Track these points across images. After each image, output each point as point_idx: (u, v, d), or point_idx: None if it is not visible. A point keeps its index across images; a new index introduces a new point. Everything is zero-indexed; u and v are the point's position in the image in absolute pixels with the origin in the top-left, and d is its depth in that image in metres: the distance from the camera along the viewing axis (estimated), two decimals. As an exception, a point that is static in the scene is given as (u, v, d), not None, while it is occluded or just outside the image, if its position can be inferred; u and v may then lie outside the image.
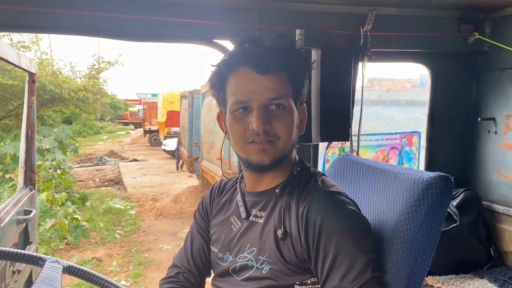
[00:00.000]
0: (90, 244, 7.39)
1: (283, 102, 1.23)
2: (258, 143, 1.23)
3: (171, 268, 1.54)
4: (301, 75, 1.30)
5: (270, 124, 1.21)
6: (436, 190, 1.27)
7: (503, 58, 2.80)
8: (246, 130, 1.23)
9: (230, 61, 1.26)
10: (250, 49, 1.24)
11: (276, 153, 1.24)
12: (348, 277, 1.10)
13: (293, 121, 1.26)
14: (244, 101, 1.22)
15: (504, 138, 2.84)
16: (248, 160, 1.27)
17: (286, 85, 1.25)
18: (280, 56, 1.23)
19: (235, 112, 1.25)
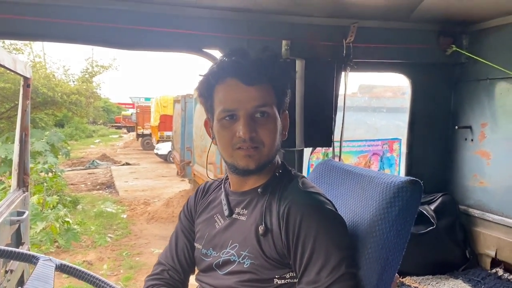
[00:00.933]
0: (81, 248, 7.39)
1: (267, 110, 1.32)
2: (244, 149, 1.31)
3: (156, 265, 1.60)
4: (284, 85, 1.40)
5: (256, 131, 1.30)
6: (406, 193, 1.36)
7: (478, 69, 2.93)
8: (233, 137, 1.31)
9: (218, 72, 1.35)
10: (237, 62, 1.33)
11: (261, 159, 1.33)
12: (323, 271, 1.19)
13: (277, 128, 1.35)
14: (231, 109, 1.31)
15: (480, 145, 2.97)
16: (235, 165, 1.35)
17: (270, 95, 1.33)
18: (265, 68, 1.32)
19: (222, 120, 1.33)
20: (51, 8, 2.24)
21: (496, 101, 2.88)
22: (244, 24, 2.53)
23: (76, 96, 13.06)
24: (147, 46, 2.48)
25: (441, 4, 2.55)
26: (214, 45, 2.50)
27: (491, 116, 2.91)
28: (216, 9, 2.46)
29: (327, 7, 2.52)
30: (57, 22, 2.26)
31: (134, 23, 2.36)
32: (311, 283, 1.20)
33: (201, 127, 8.89)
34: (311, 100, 2.57)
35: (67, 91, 12.89)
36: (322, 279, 1.18)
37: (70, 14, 2.27)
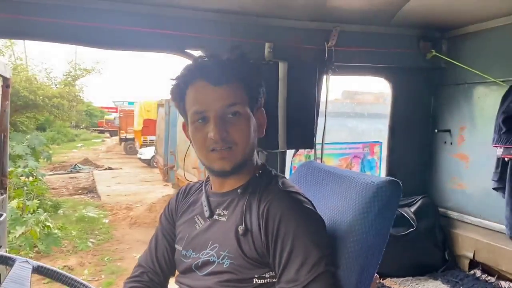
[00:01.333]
0: (62, 253, 7.26)
1: (237, 109, 1.31)
2: (218, 151, 1.31)
3: (136, 267, 1.58)
4: (256, 83, 1.39)
5: (227, 131, 1.30)
6: (385, 193, 1.37)
7: (457, 74, 3.00)
8: (206, 139, 1.31)
9: (187, 74, 1.34)
10: (204, 63, 1.34)
11: (236, 159, 1.32)
12: (302, 269, 1.19)
13: (250, 126, 1.34)
14: (201, 111, 1.31)
15: (458, 148, 3.03)
16: (211, 167, 1.36)
17: (241, 94, 1.33)
18: (232, 67, 1.32)
19: (195, 123, 1.33)
20: (32, 6, 2.22)
21: (474, 105, 2.95)
22: (228, 26, 2.55)
23: (58, 99, 12.92)
24: (130, 46, 2.47)
25: (421, 10, 2.61)
26: (197, 46, 2.50)
27: (469, 120, 2.98)
28: (199, 10, 2.47)
29: (310, 10, 2.55)
30: (38, 20, 2.24)
31: (117, 23, 2.36)
32: (290, 281, 1.20)
33: (185, 131, 8.84)
34: (293, 102, 2.59)
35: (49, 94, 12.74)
36: (301, 277, 1.18)
37: (52, 12, 2.26)
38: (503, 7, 2.53)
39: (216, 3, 2.42)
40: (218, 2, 2.41)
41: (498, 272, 2.82)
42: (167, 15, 2.43)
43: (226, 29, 2.55)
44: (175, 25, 2.45)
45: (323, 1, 2.40)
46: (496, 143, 2.44)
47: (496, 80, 2.69)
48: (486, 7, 2.57)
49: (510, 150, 2.35)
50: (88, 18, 2.31)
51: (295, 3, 2.43)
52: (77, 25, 2.30)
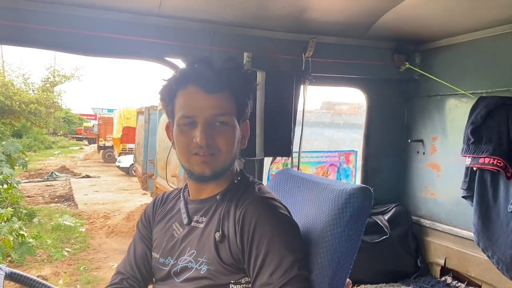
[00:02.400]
0: (36, 262, 7.10)
1: (226, 119, 1.34)
2: (200, 156, 1.33)
3: (115, 275, 1.57)
4: (245, 96, 1.42)
5: (213, 138, 1.32)
6: (357, 200, 1.41)
7: (430, 86, 3.10)
8: (190, 143, 1.33)
9: (181, 78, 1.37)
10: (200, 69, 1.36)
11: (217, 166, 1.35)
12: (276, 273, 1.21)
13: (235, 136, 1.37)
14: (191, 116, 1.33)
15: (431, 158, 3.12)
16: (191, 171, 1.37)
17: (230, 104, 1.36)
18: (226, 78, 1.35)
19: (181, 126, 1.35)
20: (12, 12, 2.22)
21: (446, 116, 3.04)
22: (207, 35, 2.58)
23: (36, 105, 12.71)
24: (110, 53, 2.48)
25: (395, 24, 2.69)
26: (176, 54, 2.53)
27: (441, 130, 3.07)
28: (179, 19, 2.51)
29: (288, 22, 2.61)
30: (17, 25, 2.24)
31: (97, 30, 2.37)
32: (264, 285, 1.22)
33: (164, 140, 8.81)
34: (271, 111, 2.63)
35: (26, 100, 12.53)
36: (275, 281, 1.21)
37: (32, 18, 2.26)
38: (472, 23, 2.64)
39: (196, 13, 2.46)
40: (198, 12, 2.44)
41: (468, 279, 2.89)
42: (148, 23, 2.46)
43: (205, 38, 2.59)
44: (155, 33, 2.48)
45: (300, 13, 2.46)
46: (465, 153, 2.53)
47: (466, 92, 2.79)
48: (457, 22, 2.67)
49: (478, 160, 2.43)
50: (69, 24, 2.32)
51: (273, 14, 2.48)
52: (57, 31, 2.31)
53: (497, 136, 2.40)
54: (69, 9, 2.30)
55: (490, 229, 2.43)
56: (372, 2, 2.36)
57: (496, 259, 2.40)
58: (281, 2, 2.30)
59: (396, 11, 2.44)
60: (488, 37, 2.71)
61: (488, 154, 2.39)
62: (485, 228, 2.45)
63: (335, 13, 2.49)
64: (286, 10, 2.41)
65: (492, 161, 2.36)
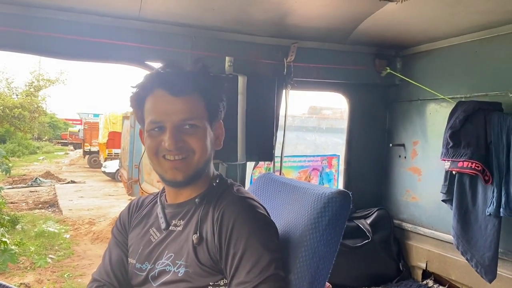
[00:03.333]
0: (19, 270, 7.00)
1: (195, 122, 1.34)
2: (171, 161, 1.33)
3: (90, 283, 1.55)
4: (215, 97, 1.42)
5: (183, 141, 1.32)
6: (335, 203, 1.42)
7: (411, 91, 3.14)
8: (158, 146, 1.33)
9: (147, 83, 1.37)
10: (165, 73, 1.36)
11: (190, 169, 1.34)
12: (252, 272, 1.22)
13: (207, 137, 1.37)
14: (158, 121, 1.33)
15: (412, 162, 3.15)
16: (163, 176, 1.37)
17: (199, 107, 1.35)
18: (194, 80, 1.35)
19: (151, 131, 1.35)
20: None
21: (426, 121, 3.08)
22: (188, 39, 2.58)
23: (20, 110, 12.55)
24: (90, 57, 2.46)
25: (376, 29, 2.72)
26: (157, 58, 2.52)
27: (422, 135, 3.10)
28: (159, 23, 2.50)
29: (269, 27, 2.62)
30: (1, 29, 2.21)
31: (77, 34, 2.35)
32: (240, 284, 1.23)
33: (150, 144, 8.74)
34: (252, 116, 2.64)
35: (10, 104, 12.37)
36: (252, 279, 1.21)
37: (14, 22, 2.24)
38: (451, 28, 2.68)
39: (177, 17, 2.45)
40: (179, 16, 2.44)
41: (449, 282, 2.92)
42: (128, 27, 2.45)
43: (187, 42, 2.58)
44: (136, 37, 2.47)
45: (281, 19, 2.47)
46: (444, 157, 2.55)
47: (446, 97, 2.82)
48: (437, 28, 2.71)
49: (456, 164, 2.46)
50: (49, 28, 2.29)
51: (255, 19, 2.49)
52: (38, 35, 2.29)
53: (475, 140, 2.43)
54: (48, 12, 2.28)
55: (469, 232, 2.45)
56: (353, 8, 2.38)
57: (475, 262, 2.43)
58: (263, 7, 2.31)
59: (377, 17, 2.46)
60: (467, 43, 2.75)
61: (466, 158, 2.42)
62: (464, 232, 2.47)
63: (316, 18, 2.51)
64: (267, 15, 2.42)
65: (471, 165, 2.39)
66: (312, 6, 2.33)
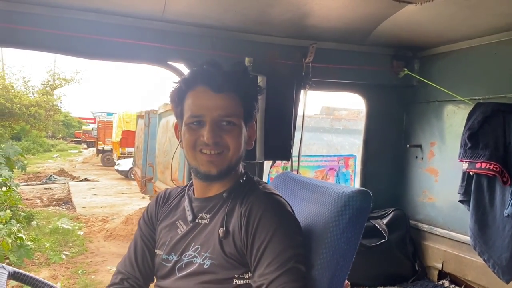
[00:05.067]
0: (34, 265, 7.09)
1: (233, 119, 1.39)
2: (208, 155, 1.38)
3: (115, 275, 1.58)
4: (252, 99, 1.47)
5: (221, 136, 1.37)
6: (356, 202, 1.44)
7: (428, 92, 3.14)
8: (197, 140, 1.38)
9: (190, 79, 1.43)
10: (208, 70, 1.41)
11: (223, 164, 1.39)
12: (272, 264, 1.25)
13: (241, 136, 1.42)
14: (198, 115, 1.38)
15: (429, 163, 3.16)
16: (197, 169, 1.41)
17: (237, 105, 1.41)
18: (233, 79, 1.40)
19: (190, 125, 1.40)
20: (18, 15, 2.26)
21: (444, 122, 3.08)
22: (209, 40, 2.62)
23: (36, 108, 12.71)
24: (114, 56, 2.52)
25: (394, 31, 2.74)
26: (179, 59, 2.57)
27: (439, 136, 3.11)
28: (182, 24, 2.54)
29: (288, 27, 2.65)
30: (24, 29, 2.27)
31: (102, 34, 2.41)
32: (261, 276, 1.26)
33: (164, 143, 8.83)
34: (271, 115, 2.67)
35: (26, 103, 12.54)
36: (271, 272, 1.25)
37: (38, 22, 2.30)
38: (470, 30, 2.69)
39: (198, 18, 2.49)
40: (200, 17, 2.48)
41: (465, 283, 2.92)
42: (151, 28, 2.50)
43: (207, 43, 2.63)
44: (158, 37, 2.52)
45: (300, 19, 2.50)
46: (462, 158, 2.56)
47: (464, 98, 2.83)
48: (455, 29, 2.72)
49: (474, 165, 2.47)
50: (74, 28, 2.36)
51: (274, 20, 2.52)
52: (62, 35, 2.35)
53: (493, 142, 2.43)
54: (74, 13, 2.34)
55: (486, 233, 2.46)
56: (372, 9, 2.40)
57: (492, 262, 2.43)
58: (282, 8, 2.34)
59: (395, 18, 2.48)
60: (486, 45, 2.75)
61: (484, 159, 2.42)
62: (481, 232, 2.48)
63: (335, 19, 2.53)
64: (286, 16, 2.45)
65: (489, 166, 2.40)
66: (331, 7, 2.35)
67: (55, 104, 14.80)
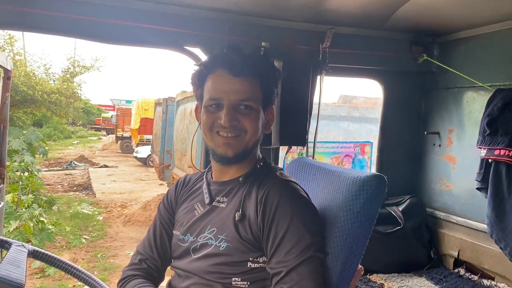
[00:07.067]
0: (55, 248, 7.26)
1: (250, 103, 1.40)
2: (224, 137, 1.40)
3: (134, 255, 1.62)
4: (271, 83, 1.48)
5: (238, 120, 1.39)
6: (370, 187, 1.43)
7: (448, 78, 3.09)
8: (214, 122, 1.40)
9: (210, 62, 1.45)
10: (228, 54, 1.43)
11: (240, 147, 1.41)
12: (292, 252, 1.26)
13: (259, 120, 1.43)
14: (217, 98, 1.40)
15: (447, 150, 3.12)
16: (214, 151, 1.44)
17: (256, 90, 1.42)
18: (252, 63, 1.41)
19: (208, 107, 1.42)
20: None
21: (463, 109, 3.03)
22: (225, 25, 2.62)
23: (57, 95, 12.90)
24: (130, 41, 2.54)
25: (413, 15, 2.69)
26: (195, 43, 2.57)
27: (458, 123, 3.06)
28: (198, 9, 2.55)
29: (305, 12, 2.63)
30: (40, 12, 2.31)
31: (118, 18, 2.43)
32: (279, 262, 1.27)
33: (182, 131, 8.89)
34: (287, 101, 2.66)
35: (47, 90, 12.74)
36: (290, 259, 1.25)
37: (54, 5, 2.32)
38: (491, 15, 2.63)
39: (215, 2, 2.49)
40: (217, 1, 2.48)
41: (481, 271, 2.90)
42: (168, 12, 2.51)
43: (224, 27, 2.62)
44: (175, 22, 2.53)
45: (317, 4, 2.48)
46: (480, 144, 2.52)
47: (484, 85, 2.77)
48: (476, 14, 2.66)
49: (493, 152, 2.43)
50: (90, 12, 2.38)
51: (291, 4, 2.50)
52: (79, 19, 2.37)
53: (513, 128, 2.39)
54: (91, -3, 2.36)
55: (503, 221, 2.43)
56: (390, -7, 2.36)
57: (509, 250, 2.41)
58: (299, -8, 2.32)
59: (414, 2, 2.43)
60: (507, 30, 2.68)
61: (504, 146, 2.38)
62: (498, 220, 2.45)
63: (353, 3, 2.50)
64: (304, 0, 2.43)
65: (508, 153, 2.36)
66: (349, -9, 2.33)
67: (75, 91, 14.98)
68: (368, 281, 2.84)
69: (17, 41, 13.19)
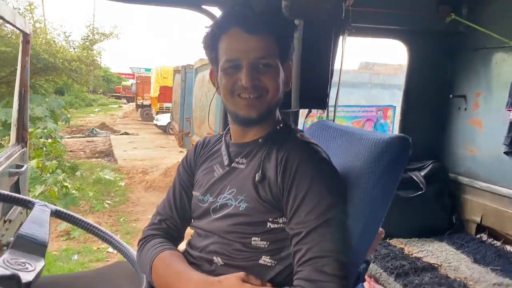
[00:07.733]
0: (79, 212, 7.47)
1: (269, 61, 1.35)
2: (246, 99, 1.35)
3: (154, 216, 1.63)
4: (287, 38, 1.43)
5: (259, 79, 1.34)
6: (394, 148, 1.38)
7: (477, 39, 2.95)
8: (234, 84, 1.35)
9: (222, 21, 1.39)
10: (240, 11, 1.37)
11: (263, 107, 1.37)
12: (312, 213, 1.24)
13: (279, 76, 1.38)
14: (234, 59, 1.35)
15: (473, 114, 3.02)
16: (237, 113, 1.40)
17: (272, 46, 1.36)
18: (267, 19, 1.36)
19: (226, 69, 1.37)
20: None
21: (492, 71, 2.91)
22: None
23: (77, 63, 12.98)
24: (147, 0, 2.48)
25: (442, -29, 2.55)
26: (213, 2, 2.50)
27: (485, 86, 2.95)
28: (216, -35, 2.46)
29: (328, -32, 2.51)
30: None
31: None
32: (300, 223, 1.25)
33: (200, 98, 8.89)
34: (307, 62, 2.58)
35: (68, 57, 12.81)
36: (310, 220, 1.23)
37: None
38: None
39: (233, -42, 2.40)
40: (235, -43, 2.39)
41: (505, 237, 2.85)
42: (184, -30, 2.43)
43: (243, -15, 2.53)
44: None
45: (341, -42, 2.36)
46: (510, 107, 2.43)
47: (516, 44, 2.64)
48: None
49: (523, 114, 2.34)
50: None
51: (313, -40, 2.39)
52: None
53: (545, 90, 2.28)
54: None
55: (532, 185, 2.36)
56: None
57: (536, 216, 2.35)
58: None
59: (444, -44, 2.30)
60: (543, -15, 2.53)
61: (534, 108, 2.28)
62: (526, 184, 2.38)
63: (378, -42, 2.38)
64: (326, -45, 2.31)
65: (539, 115, 2.26)
66: None
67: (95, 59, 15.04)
68: (388, 245, 2.83)
69: (37, 8, 13.18)
